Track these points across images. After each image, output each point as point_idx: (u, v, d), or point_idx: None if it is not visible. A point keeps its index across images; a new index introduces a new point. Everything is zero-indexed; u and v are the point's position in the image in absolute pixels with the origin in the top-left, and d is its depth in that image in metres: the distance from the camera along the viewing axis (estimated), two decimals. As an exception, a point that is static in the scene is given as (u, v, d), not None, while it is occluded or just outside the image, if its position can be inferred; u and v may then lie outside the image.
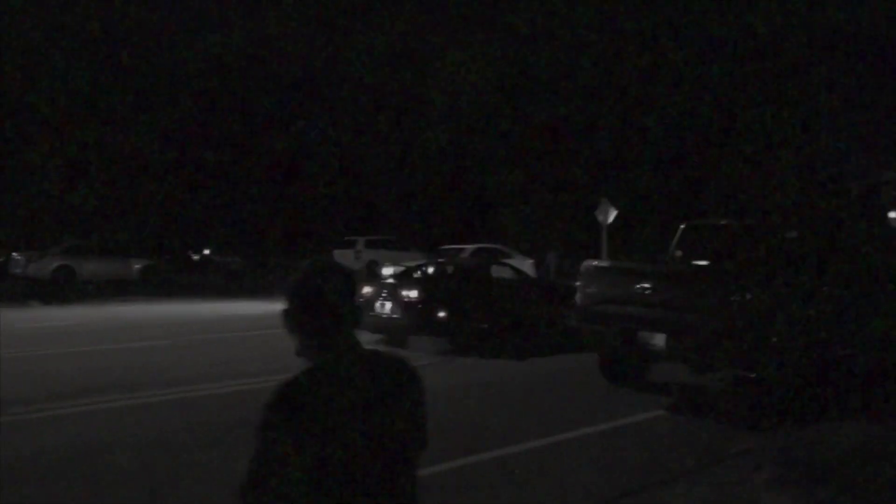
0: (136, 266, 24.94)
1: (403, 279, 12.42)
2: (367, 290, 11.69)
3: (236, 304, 19.68)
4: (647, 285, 7.47)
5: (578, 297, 8.28)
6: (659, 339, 7.28)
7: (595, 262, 8.44)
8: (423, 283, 11.69)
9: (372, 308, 11.33)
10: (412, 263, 15.92)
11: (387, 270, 18.35)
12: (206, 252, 38.22)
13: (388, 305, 11.27)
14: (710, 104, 31.48)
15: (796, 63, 32.42)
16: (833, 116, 35.82)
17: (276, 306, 1.94)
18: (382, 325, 11.31)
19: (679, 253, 9.11)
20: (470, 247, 21.18)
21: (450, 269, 13.14)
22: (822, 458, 5.36)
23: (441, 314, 10.81)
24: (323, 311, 1.69)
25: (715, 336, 6.81)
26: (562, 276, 24.85)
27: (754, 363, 6.66)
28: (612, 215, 21.23)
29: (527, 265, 21.05)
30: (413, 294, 11.02)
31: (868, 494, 4.66)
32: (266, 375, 8.27)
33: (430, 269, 13.38)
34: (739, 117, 31.80)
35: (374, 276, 19.32)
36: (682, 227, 9.29)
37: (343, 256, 24.79)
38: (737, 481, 5.12)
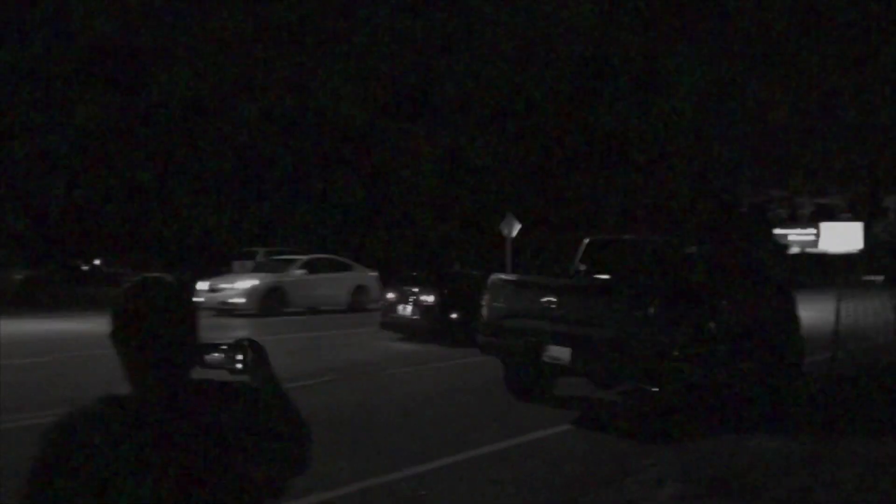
0: (17, 277, 23.31)
1: (425, 285, 13.70)
2: (390, 295, 13.78)
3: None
4: (552, 299, 7.49)
5: (484, 311, 8.22)
6: (564, 354, 7.29)
7: (501, 276, 8.42)
8: (440, 288, 13.20)
9: (395, 311, 13.39)
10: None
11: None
12: (97, 262, 36.19)
13: (409, 309, 13.15)
14: (605, 112, 32.38)
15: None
16: (726, 129, 37.58)
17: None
18: (403, 326, 13.29)
19: (583, 267, 9.23)
20: (302, 257, 20.62)
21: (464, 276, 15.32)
22: (724, 473, 5.44)
23: (453, 316, 12.59)
24: (137, 335, 1.47)
25: (618, 350, 6.87)
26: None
27: (657, 377, 6.75)
28: (517, 229, 21.46)
29: (368, 278, 20.81)
30: (430, 298, 12.88)
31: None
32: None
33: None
34: (632, 126, 32.81)
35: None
36: (586, 241, 9.42)
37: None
38: (641, 497, 5.13)
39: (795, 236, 74.45)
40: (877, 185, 73.68)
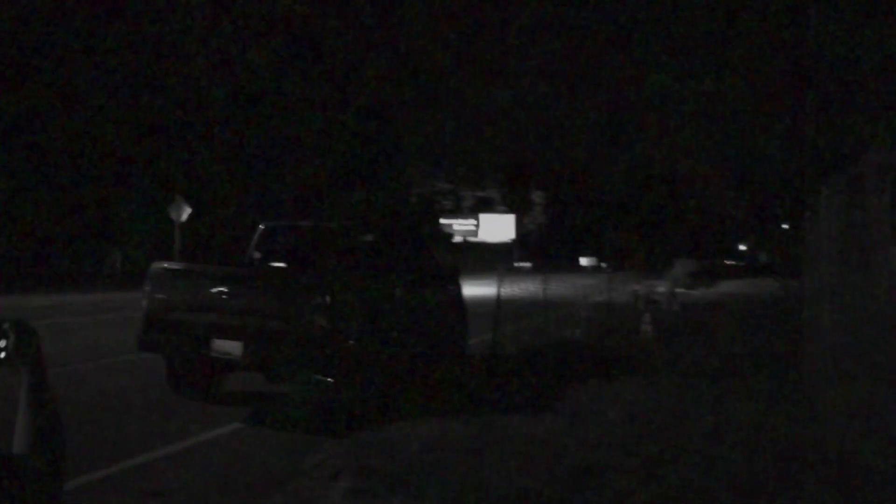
0: None
1: None
2: None
3: None
4: (223, 289, 6.99)
5: (145, 303, 7.41)
6: (235, 348, 6.85)
7: (165, 265, 7.65)
8: None
9: None
10: None
11: None
12: None
13: None
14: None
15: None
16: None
17: None
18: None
19: (258, 255, 8.83)
20: None
21: None
22: (396, 463, 5.47)
23: None
24: None
25: (293, 341, 6.63)
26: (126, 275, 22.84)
27: (333, 368, 6.64)
28: (187, 213, 20.17)
29: None
30: None
31: (436, 498, 4.84)
32: None
33: None
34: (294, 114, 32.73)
35: None
36: (261, 227, 9.02)
37: None
38: (314, 496, 4.94)
39: (459, 226, 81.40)
40: (527, 182, 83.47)
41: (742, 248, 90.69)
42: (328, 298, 6.56)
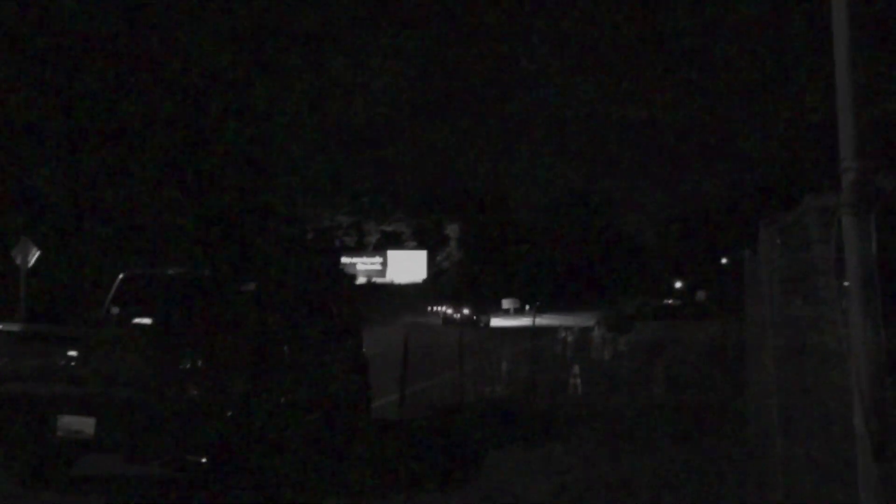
0: None
1: None
2: None
3: None
4: (73, 354, 6.61)
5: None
6: (87, 425, 6.46)
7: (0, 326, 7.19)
8: None
9: None
10: None
11: None
12: None
13: None
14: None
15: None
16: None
17: None
18: None
19: (116, 309, 8.42)
20: None
21: None
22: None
23: None
24: None
25: (158, 415, 6.30)
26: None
27: (207, 446, 6.34)
28: (35, 256, 19.25)
29: None
30: None
31: None
32: None
33: None
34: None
35: None
36: (121, 276, 8.63)
37: None
38: None
39: (362, 265, 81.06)
40: (440, 214, 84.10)
41: (678, 285, 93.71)
42: (195, 362, 6.29)
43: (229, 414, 6.52)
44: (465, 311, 50.31)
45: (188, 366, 6.33)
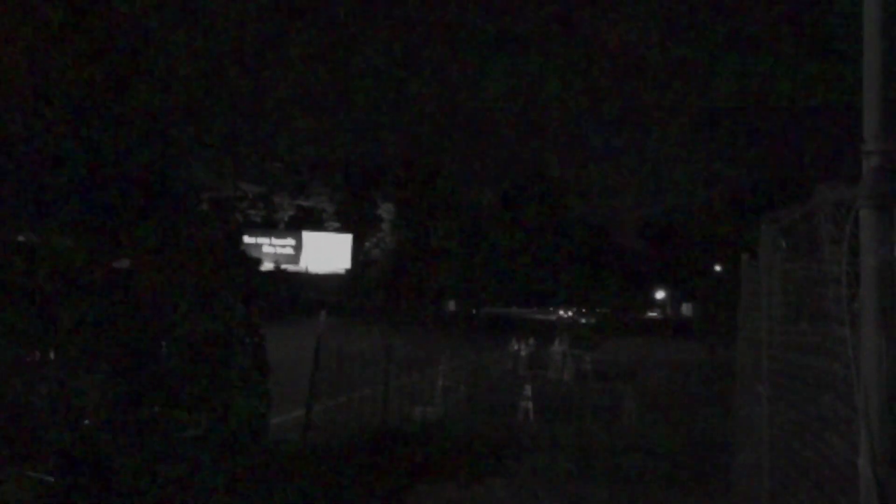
0: None
1: None
2: None
3: None
4: None
5: None
6: None
7: None
8: None
9: None
10: None
11: None
12: None
13: None
14: None
15: None
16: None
17: None
18: None
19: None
20: None
21: None
22: None
23: None
24: None
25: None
26: None
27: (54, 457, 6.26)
28: None
29: None
30: None
31: None
32: None
33: None
34: None
35: None
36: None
37: None
38: None
39: (271, 248, 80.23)
40: (369, 188, 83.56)
41: (659, 296, 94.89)
42: (52, 355, 6.19)
43: (86, 423, 6.44)
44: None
45: (32, 359, 6.23)
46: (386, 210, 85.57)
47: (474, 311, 72.85)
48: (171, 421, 7.62)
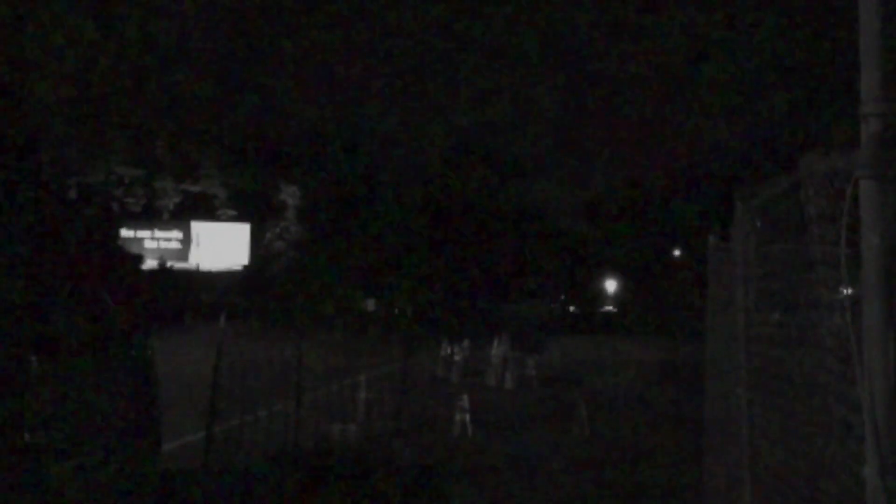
0: None
1: None
2: None
3: None
4: None
5: None
6: None
7: None
8: None
9: None
10: None
11: None
12: None
13: None
14: None
15: None
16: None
17: None
18: None
19: None
20: None
21: None
22: None
23: None
24: None
25: None
26: None
27: None
28: None
29: None
30: None
31: None
32: None
33: None
34: None
35: None
36: None
37: None
38: None
39: (153, 242, 79.31)
40: (274, 168, 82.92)
41: (610, 287, 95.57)
42: None
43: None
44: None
45: None
46: (290, 194, 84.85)
47: (396, 311, 72.65)
48: (47, 450, 7.55)
